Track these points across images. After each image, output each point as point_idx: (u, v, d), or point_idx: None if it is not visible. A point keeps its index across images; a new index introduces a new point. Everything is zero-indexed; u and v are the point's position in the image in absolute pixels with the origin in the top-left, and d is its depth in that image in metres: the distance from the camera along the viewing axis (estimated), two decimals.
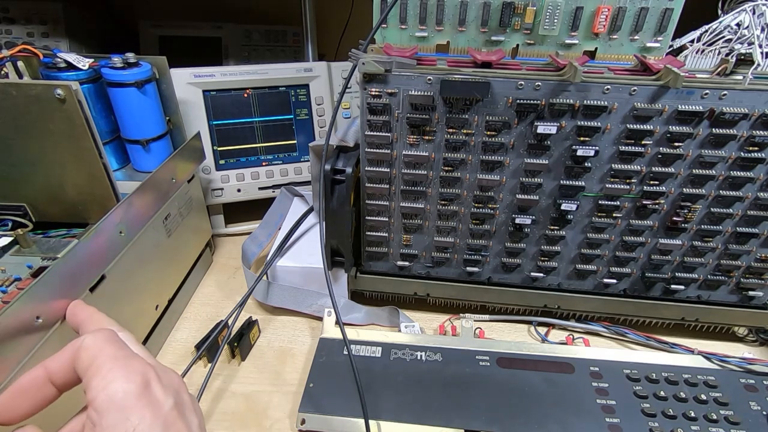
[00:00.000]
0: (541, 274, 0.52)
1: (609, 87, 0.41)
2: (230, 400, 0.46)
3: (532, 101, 0.42)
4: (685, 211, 0.46)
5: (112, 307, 0.42)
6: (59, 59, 0.49)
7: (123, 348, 0.27)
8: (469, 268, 0.52)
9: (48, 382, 0.27)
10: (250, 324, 0.52)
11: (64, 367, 0.26)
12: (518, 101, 0.42)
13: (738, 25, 0.51)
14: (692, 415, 0.42)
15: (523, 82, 0.41)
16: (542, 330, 0.54)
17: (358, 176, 0.49)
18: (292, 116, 0.70)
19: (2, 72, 0.48)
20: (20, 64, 0.49)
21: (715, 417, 0.42)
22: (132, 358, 0.26)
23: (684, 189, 0.45)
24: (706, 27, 0.53)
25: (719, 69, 0.44)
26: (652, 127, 0.42)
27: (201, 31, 0.87)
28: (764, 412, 0.43)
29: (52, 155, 0.42)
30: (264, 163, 0.70)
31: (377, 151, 0.46)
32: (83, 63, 0.50)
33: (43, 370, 0.26)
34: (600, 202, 0.46)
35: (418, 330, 0.52)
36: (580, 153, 0.44)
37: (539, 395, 0.44)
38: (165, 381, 0.27)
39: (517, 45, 0.48)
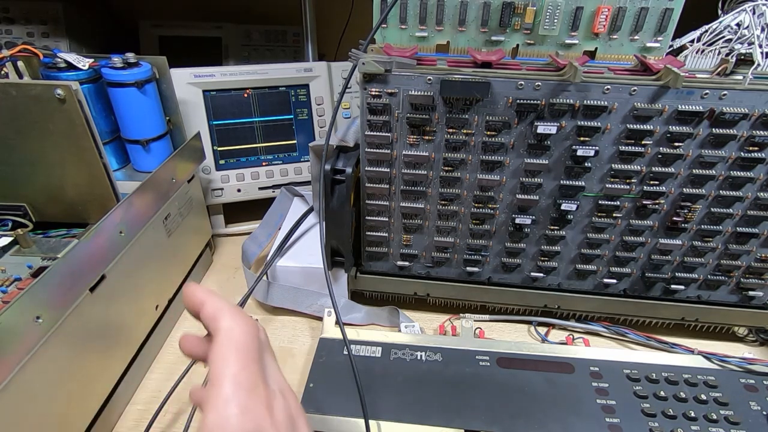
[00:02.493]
0: (541, 274, 0.52)
1: (609, 87, 0.41)
2: None
3: (532, 101, 0.42)
4: (685, 211, 0.46)
5: (112, 307, 0.42)
6: (59, 59, 0.49)
7: (251, 371, 0.25)
8: (469, 268, 0.52)
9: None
10: None
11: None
12: (518, 101, 0.42)
13: (738, 25, 0.51)
14: (692, 415, 0.42)
15: (523, 82, 0.41)
16: (542, 330, 0.54)
17: (358, 176, 0.49)
18: (292, 116, 0.70)
19: (2, 72, 0.48)
20: (20, 64, 0.49)
21: (715, 417, 0.42)
22: (252, 393, 0.24)
23: (684, 189, 0.45)
24: (706, 27, 0.53)
25: (719, 69, 0.44)
26: (652, 127, 0.42)
27: (201, 31, 0.87)
28: (764, 412, 0.43)
29: (52, 155, 0.42)
30: (264, 163, 0.70)
31: (377, 151, 0.46)
32: (83, 63, 0.50)
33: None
34: (600, 202, 0.46)
35: (418, 330, 0.52)
36: (580, 153, 0.44)
37: (539, 395, 0.44)
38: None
39: (517, 45, 0.48)
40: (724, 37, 0.52)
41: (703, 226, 0.47)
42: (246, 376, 0.24)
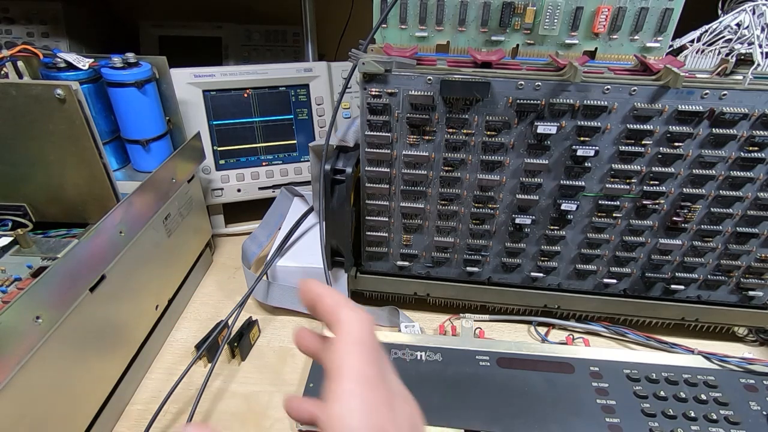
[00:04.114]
0: (541, 274, 0.52)
1: (609, 87, 0.41)
2: (230, 400, 0.46)
3: (532, 101, 0.42)
4: (685, 211, 0.46)
5: (112, 307, 0.42)
6: (59, 59, 0.49)
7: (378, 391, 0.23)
8: (469, 268, 0.52)
9: None
10: (250, 324, 0.52)
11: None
12: (518, 101, 0.42)
13: (738, 25, 0.51)
14: (692, 415, 0.42)
15: (523, 82, 0.41)
16: (542, 330, 0.54)
17: (358, 176, 0.49)
18: (292, 116, 0.70)
19: (2, 72, 0.48)
20: (20, 64, 0.49)
21: (715, 417, 0.42)
22: (376, 389, 0.23)
23: (684, 189, 0.45)
24: (706, 27, 0.53)
25: (719, 69, 0.44)
26: (652, 127, 0.42)
27: (201, 31, 0.87)
28: (764, 412, 0.43)
29: (52, 155, 0.42)
30: (264, 163, 0.70)
31: (377, 151, 0.46)
32: (83, 63, 0.50)
33: None
34: (600, 202, 0.46)
35: (418, 330, 0.52)
36: (580, 153, 0.44)
37: (539, 395, 0.44)
38: None
39: (517, 45, 0.48)
40: (724, 37, 0.52)
41: (703, 226, 0.46)
42: (369, 370, 0.23)
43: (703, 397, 0.44)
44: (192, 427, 0.27)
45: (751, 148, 0.42)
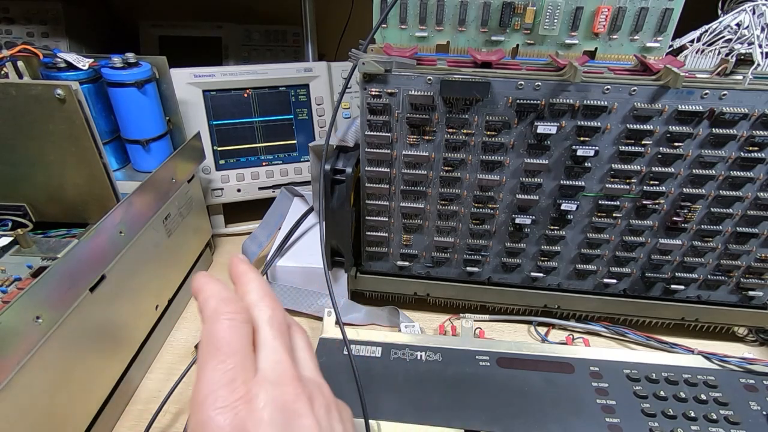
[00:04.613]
0: (541, 274, 0.52)
1: (609, 87, 0.41)
2: None
3: (532, 101, 0.42)
4: (685, 211, 0.46)
5: (112, 307, 0.42)
6: (59, 59, 0.49)
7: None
8: (469, 268, 0.52)
9: None
10: None
11: None
12: (518, 101, 0.42)
13: (738, 25, 0.51)
14: (692, 415, 0.42)
15: (523, 82, 0.41)
16: (542, 330, 0.54)
17: (358, 176, 0.49)
18: (292, 116, 0.70)
19: (2, 72, 0.48)
20: (20, 64, 0.49)
21: (715, 417, 0.42)
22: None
23: (684, 189, 0.45)
24: (706, 27, 0.53)
25: (719, 69, 0.44)
26: (652, 127, 0.42)
27: (201, 31, 0.87)
28: (764, 412, 0.43)
29: (52, 155, 0.42)
30: (264, 163, 0.70)
31: (377, 151, 0.46)
32: (83, 63, 0.50)
33: None
34: (600, 202, 0.46)
35: (418, 330, 0.52)
36: (580, 153, 0.44)
37: (539, 395, 0.44)
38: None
39: (517, 45, 0.48)
40: (724, 37, 0.52)
41: (703, 226, 0.47)
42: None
43: (703, 397, 0.44)
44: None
45: (751, 148, 0.42)
